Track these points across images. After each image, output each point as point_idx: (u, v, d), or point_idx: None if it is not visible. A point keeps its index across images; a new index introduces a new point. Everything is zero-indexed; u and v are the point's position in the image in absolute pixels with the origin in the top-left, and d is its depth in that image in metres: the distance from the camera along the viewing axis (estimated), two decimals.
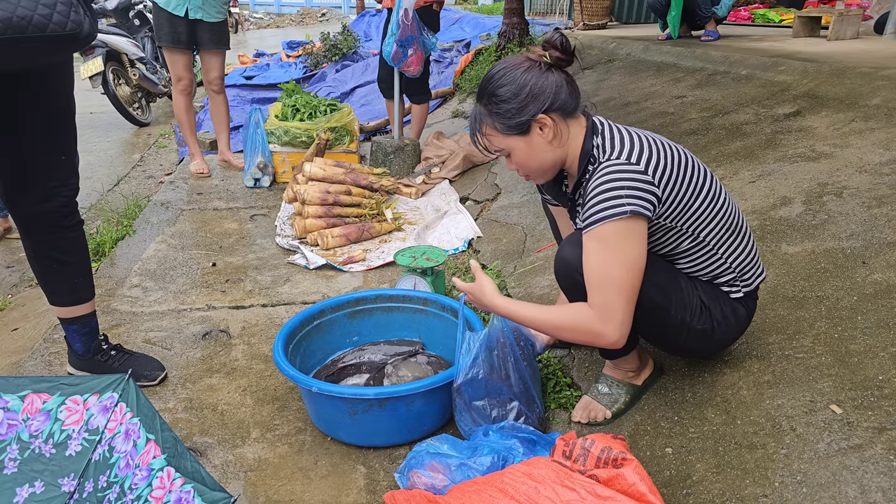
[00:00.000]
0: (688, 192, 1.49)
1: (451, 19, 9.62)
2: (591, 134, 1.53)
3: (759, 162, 2.79)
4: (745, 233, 1.62)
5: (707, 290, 1.61)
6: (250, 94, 7.08)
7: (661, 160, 1.46)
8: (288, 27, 17.99)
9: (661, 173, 1.45)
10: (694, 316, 1.58)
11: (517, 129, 1.51)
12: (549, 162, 1.56)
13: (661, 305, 1.55)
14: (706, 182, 1.53)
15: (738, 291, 1.63)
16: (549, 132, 1.51)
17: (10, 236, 3.57)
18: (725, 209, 1.57)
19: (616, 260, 1.41)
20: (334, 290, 2.76)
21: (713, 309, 1.60)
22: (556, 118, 1.50)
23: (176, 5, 3.88)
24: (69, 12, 1.48)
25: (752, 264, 1.64)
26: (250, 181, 4.15)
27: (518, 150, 1.54)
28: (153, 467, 1.29)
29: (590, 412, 1.78)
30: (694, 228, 1.54)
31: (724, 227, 1.57)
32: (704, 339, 1.62)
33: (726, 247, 1.59)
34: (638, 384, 1.79)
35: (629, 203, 1.40)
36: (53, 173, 1.82)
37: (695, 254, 1.59)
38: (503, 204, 3.47)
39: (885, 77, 3.26)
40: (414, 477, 1.54)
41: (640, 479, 1.27)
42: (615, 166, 1.43)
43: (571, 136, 1.54)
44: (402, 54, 3.86)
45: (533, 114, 1.48)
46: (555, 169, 1.59)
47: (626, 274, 1.42)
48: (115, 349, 2.12)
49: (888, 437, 1.33)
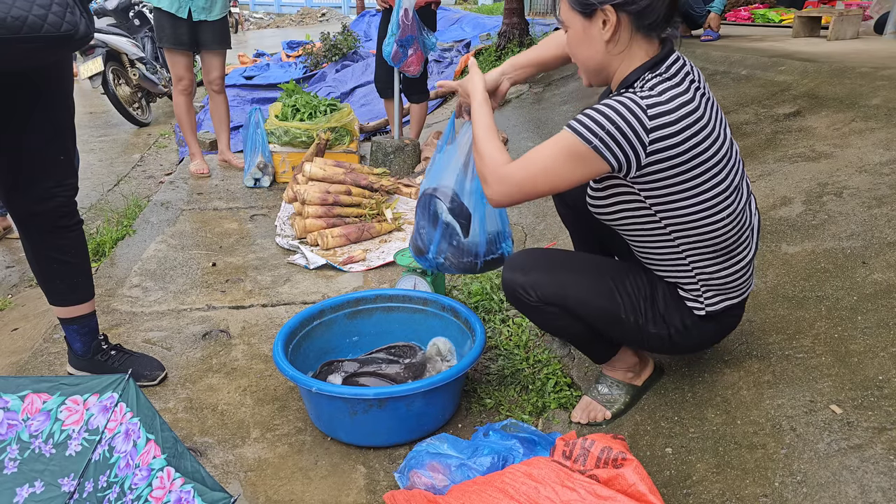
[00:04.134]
0: (681, 184, 1.37)
1: (451, 19, 9.62)
2: (650, 65, 1.39)
3: (759, 162, 2.79)
4: (738, 256, 1.50)
5: (666, 294, 1.56)
6: (250, 94, 7.08)
7: (676, 136, 1.32)
8: (288, 27, 17.99)
9: (663, 146, 1.32)
10: (647, 320, 1.55)
11: (581, 8, 1.39)
12: (595, 62, 1.44)
13: (610, 311, 1.55)
14: (716, 191, 1.39)
15: (701, 310, 1.54)
16: (608, 31, 1.37)
17: (10, 236, 3.57)
18: (721, 229, 1.44)
19: (549, 161, 1.39)
20: (334, 290, 2.76)
21: (670, 317, 1.55)
22: (624, 22, 1.36)
23: (178, 7, 3.88)
24: (64, 13, 1.48)
25: (724, 288, 1.53)
26: (250, 181, 4.15)
27: (574, 30, 1.44)
28: (153, 467, 1.29)
29: (590, 413, 1.79)
30: (670, 228, 1.45)
31: (708, 248, 1.46)
32: (663, 343, 1.59)
33: (701, 265, 1.50)
34: (638, 385, 1.79)
35: (599, 137, 1.33)
36: (53, 173, 1.82)
37: (663, 256, 1.52)
38: None
39: (885, 77, 3.27)
40: (414, 477, 1.54)
41: (640, 479, 1.27)
42: (629, 101, 1.33)
43: (628, 55, 1.40)
44: (402, 54, 3.86)
45: (603, 1, 1.35)
46: (598, 74, 1.47)
47: (543, 173, 1.40)
48: (115, 349, 2.12)
49: (888, 437, 1.33)
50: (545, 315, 1.61)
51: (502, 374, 2.09)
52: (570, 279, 1.57)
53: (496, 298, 2.49)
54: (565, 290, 1.55)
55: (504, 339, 2.26)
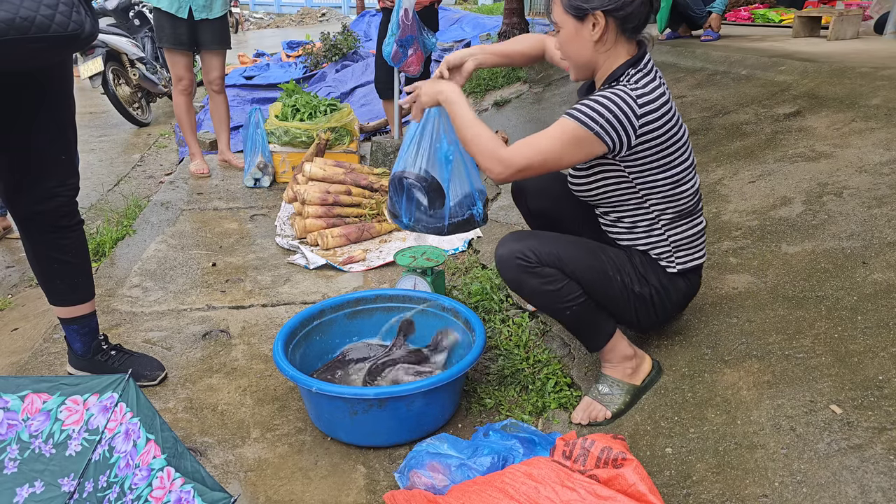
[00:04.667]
0: (658, 160, 1.63)
1: (451, 19, 9.62)
2: (630, 63, 1.62)
3: (759, 162, 2.79)
4: (696, 220, 1.77)
5: (641, 259, 1.75)
6: (250, 94, 7.07)
7: (657, 122, 1.58)
8: (288, 27, 17.99)
9: (648, 130, 1.58)
10: (632, 278, 1.72)
11: (574, 11, 1.60)
12: (584, 59, 1.66)
13: (598, 268, 1.69)
14: (679, 167, 1.67)
15: (673, 266, 1.76)
16: (597, 32, 1.59)
17: (11, 236, 3.57)
18: (683, 193, 1.70)
19: (552, 144, 1.59)
20: (334, 290, 2.76)
21: (648, 276, 1.74)
22: (612, 26, 1.59)
23: (178, 7, 3.88)
24: (71, 12, 1.49)
25: (690, 246, 1.76)
26: (250, 181, 4.15)
27: (566, 31, 1.64)
28: (153, 467, 1.29)
29: (590, 413, 1.79)
30: (645, 195, 1.69)
31: (674, 209, 1.71)
32: (648, 308, 1.75)
33: (668, 225, 1.73)
34: (637, 384, 1.79)
35: (599, 124, 1.55)
36: (55, 173, 1.82)
37: (636, 221, 1.74)
38: (503, 204, 3.47)
39: (885, 77, 3.27)
40: (414, 477, 1.54)
41: (640, 479, 1.27)
42: (622, 93, 1.56)
43: (613, 53, 1.63)
44: (402, 54, 3.86)
45: (593, 6, 1.56)
46: (586, 69, 1.69)
47: (547, 153, 1.59)
48: (115, 349, 2.12)
49: (888, 437, 1.33)
50: (544, 278, 1.67)
51: (502, 374, 2.09)
52: (560, 243, 1.72)
53: (496, 298, 2.49)
54: (558, 252, 1.68)
55: (504, 339, 2.26)
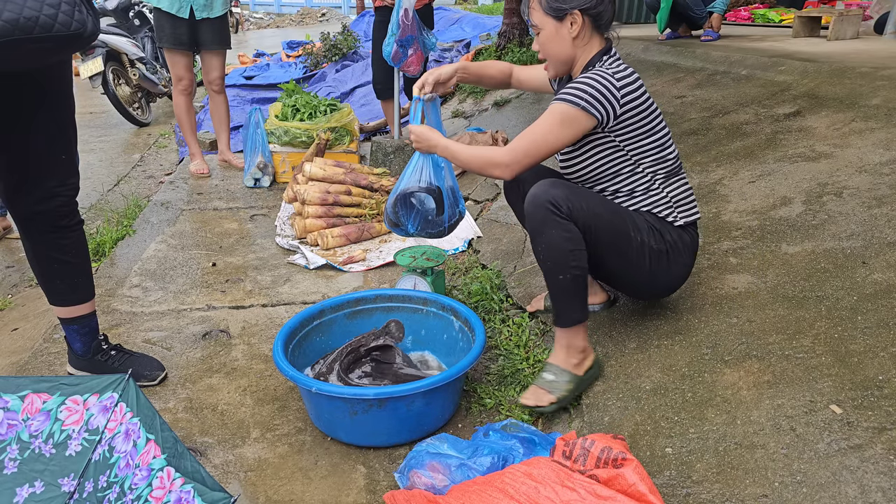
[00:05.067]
0: (642, 127, 1.81)
1: (451, 19, 9.60)
2: (602, 53, 1.84)
3: (759, 162, 2.79)
4: (685, 179, 1.94)
5: (651, 217, 1.88)
6: (250, 94, 7.07)
7: (635, 93, 1.78)
8: (288, 27, 17.98)
9: (630, 100, 1.77)
10: (649, 236, 1.84)
11: (554, 13, 1.80)
12: (564, 55, 1.86)
13: (620, 228, 1.81)
14: (660, 133, 1.85)
15: (679, 220, 1.89)
16: (576, 29, 1.80)
17: (10, 236, 3.57)
18: (669, 154, 1.87)
19: (546, 128, 1.78)
20: (334, 290, 2.76)
21: (662, 231, 1.86)
22: (587, 23, 1.80)
23: (179, 8, 3.88)
24: (73, 12, 1.49)
25: (686, 200, 1.92)
26: (250, 181, 4.15)
27: (547, 31, 1.83)
28: (153, 467, 1.29)
29: (537, 398, 1.86)
30: (637, 158, 1.85)
31: (664, 167, 1.87)
32: (662, 261, 1.86)
33: (663, 182, 1.88)
34: (579, 374, 1.88)
35: (585, 100, 1.73)
36: (55, 172, 1.82)
37: (635, 186, 1.87)
38: (503, 204, 3.47)
39: (885, 77, 3.26)
40: (414, 477, 1.54)
41: (640, 479, 1.27)
42: (601, 73, 1.77)
43: (589, 47, 1.84)
44: (402, 54, 3.86)
45: (572, 6, 1.77)
46: (566, 64, 1.89)
47: (542, 139, 1.78)
48: (115, 349, 2.12)
49: (888, 437, 1.33)
50: (566, 234, 1.75)
51: (502, 374, 2.09)
52: (592, 201, 1.81)
53: (496, 298, 2.49)
54: (589, 207, 1.78)
55: (504, 339, 2.26)
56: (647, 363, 1.88)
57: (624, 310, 2.18)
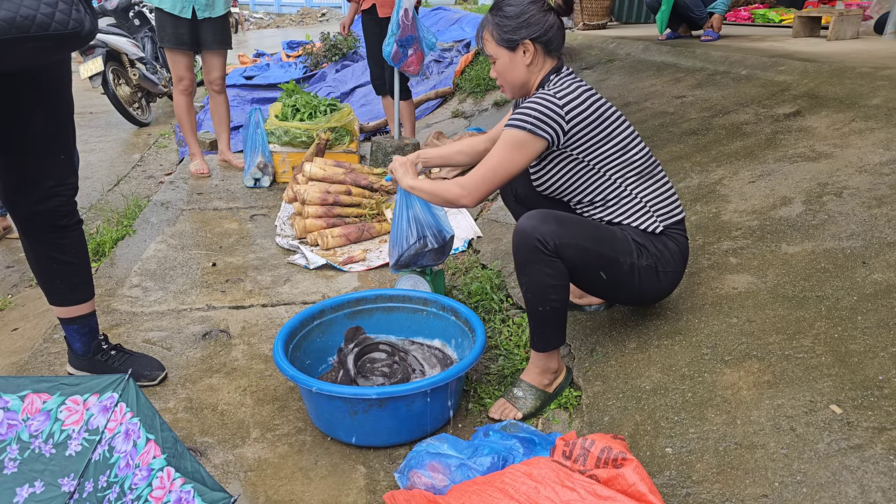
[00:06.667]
0: (598, 134, 1.82)
1: (451, 19, 9.59)
2: (552, 72, 1.90)
3: (759, 162, 2.79)
4: (658, 178, 1.92)
5: (634, 232, 1.87)
6: (250, 94, 7.07)
7: (581, 106, 1.80)
8: (288, 27, 17.98)
9: (576, 115, 1.79)
10: (636, 255, 1.83)
11: (507, 44, 1.87)
12: (520, 80, 1.92)
13: (608, 256, 1.80)
14: (620, 134, 1.85)
15: (659, 227, 1.88)
16: (529, 57, 1.87)
17: (10, 236, 3.57)
18: (634, 155, 1.87)
19: (500, 155, 1.84)
20: (334, 290, 2.76)
21: (647, 245, 1.85)
22: (539, 50, 1.87)
23: (182, 8, 3.88)
24: (70, 11, 1.49)
25: (663, 202, 1.90)
26: (250, 181, 4.15)
27: (502, 60, 1.90)
28: (153, 467, 1.29)
29: (503, 411, 1.90)
30: (601, 167, 1.86)
31: (632, 170, 1.87)
32: (653, 275, 1.86)
33: (634, 186, 1.87)
34: (549, 392, 1.92)
35: (531, 123, 1.78)
36: (53, 172, 1.82)
37: (607, 194, 1.88)
38: (503, 204, 3.47)
39: (885, 77, 3.26)
40: (414, 477, 1.54)
41: (640, 479, 1.27)
42: (543, 95, 1.81)
43: (543, 69, 1.91)
44: (402, 54, 3.86)
45: (523, 37, 1.84)
46: (523, 88, 1.95)
47: (499, 165, 1.84)
48: (115, 349, 2.12)
49: (888, 437, 1.33)
50: (551, 271, 1.74)
51: (502, 374, 2.09)
52: (580, 235, 1.79)
53: (496, 298, 2.49)
54: (577, 242, 1.76)
55: (504, 339, 2.26)
56: (647, 363, 1.88)
57: (624, 310, 2.18)
